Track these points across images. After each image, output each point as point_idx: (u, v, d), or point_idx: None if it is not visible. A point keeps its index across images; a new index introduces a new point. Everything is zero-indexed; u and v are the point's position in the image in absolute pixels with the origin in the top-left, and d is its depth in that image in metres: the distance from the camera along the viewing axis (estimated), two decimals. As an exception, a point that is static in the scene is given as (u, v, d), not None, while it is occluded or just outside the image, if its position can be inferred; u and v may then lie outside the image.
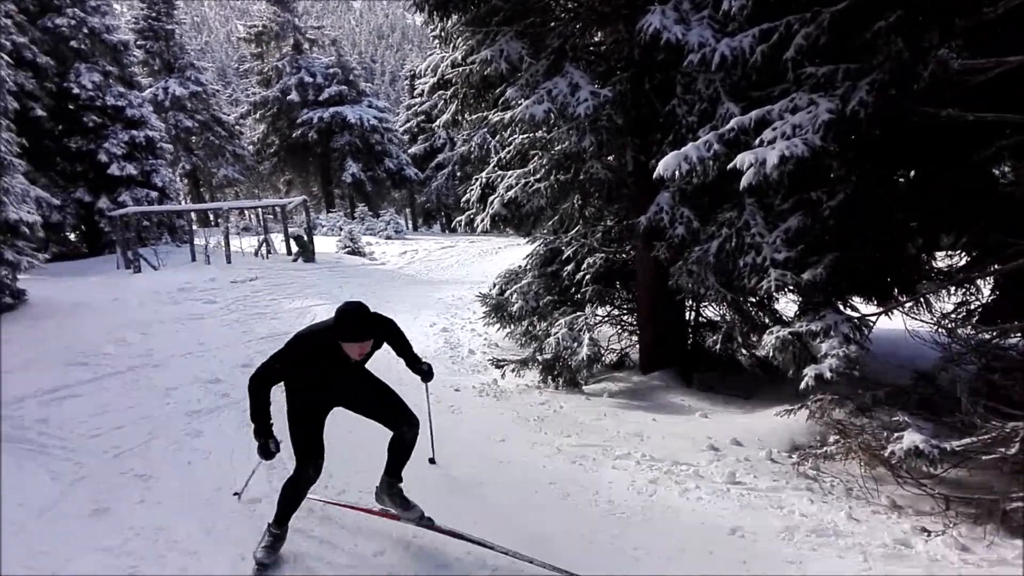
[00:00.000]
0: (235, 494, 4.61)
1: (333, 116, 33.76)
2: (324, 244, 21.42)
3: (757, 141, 5.30)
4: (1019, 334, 5.20)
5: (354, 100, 34.88)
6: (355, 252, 21.13)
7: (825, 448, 4.80)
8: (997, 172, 5.95)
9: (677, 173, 5.75)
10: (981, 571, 3.51)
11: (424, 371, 4.25)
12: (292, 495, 3.79)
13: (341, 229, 24.24)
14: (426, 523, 3.93)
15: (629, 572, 3.64)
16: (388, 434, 3.96)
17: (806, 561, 3.72)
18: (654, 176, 5.99)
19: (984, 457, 4.14)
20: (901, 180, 6.16)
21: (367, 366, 3.94)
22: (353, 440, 4.85)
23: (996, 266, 5.53)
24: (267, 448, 3.62)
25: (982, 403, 4.27)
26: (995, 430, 4.07)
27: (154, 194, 21.22)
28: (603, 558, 3.80)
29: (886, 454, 4.28)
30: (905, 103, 4.94)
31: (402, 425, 3.85)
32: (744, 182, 5.21)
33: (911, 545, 3.83)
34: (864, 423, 4.67)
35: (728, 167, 5.37)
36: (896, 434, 4.24)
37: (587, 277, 8.47)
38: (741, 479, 4.85)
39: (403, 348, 4.19)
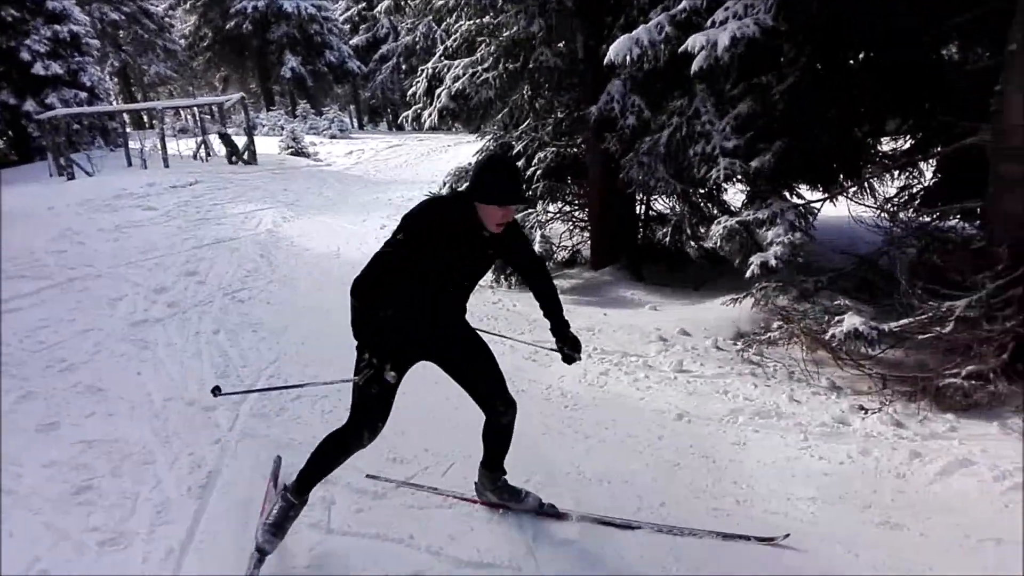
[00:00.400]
0: (215, 389, 4.14)
1: (268, 4, 31.64)
2: (265, 145, 20.63)
3: (709, 22, 5.13)
4: (958, 216, 5.32)
5: (291, -13, 32.67)
6: (298, 153, 20.44)
7: (768, 334, 4.93)
8: (945, 53, 5.90)
9: (628, 58, 5.59)
10: (914, 444, 3.69)
11: (572, 341, 2.99)
12: (333, 456, 2.88)
13: (283, 129, 23.30)
14: (548, 510, 3.22)
15: (583, 459, 3.73)
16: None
17: (749, 442, 3.87)
18: (605, 62, 5.82)
19: (920, 336, 4.30)
20: (850, 63, 6.07)
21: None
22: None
23: (939, 148, 5.58)
24: (380, 374, 2.57)
25: (920, 284, 4.38)
26: (931, 310, 4.20)
27: (83, 95, 19.87)
28: (558, 447, 3.89)
29: (827, 337, 4.41)
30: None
31: (498, 403, 3.01)
32: (695, 66, 5.08)
33: (849, 423, 4.00)
34: (806, 308, 4.78)
35: (680, 51, 5.21)
36: (837, 318, 4.35)
37: (538, 173, 8.31)
38: (688, 367, 4.97)
39: (547, 285, 3.04)
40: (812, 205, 5.52)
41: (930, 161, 5.93)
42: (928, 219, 5.29)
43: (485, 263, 2.88)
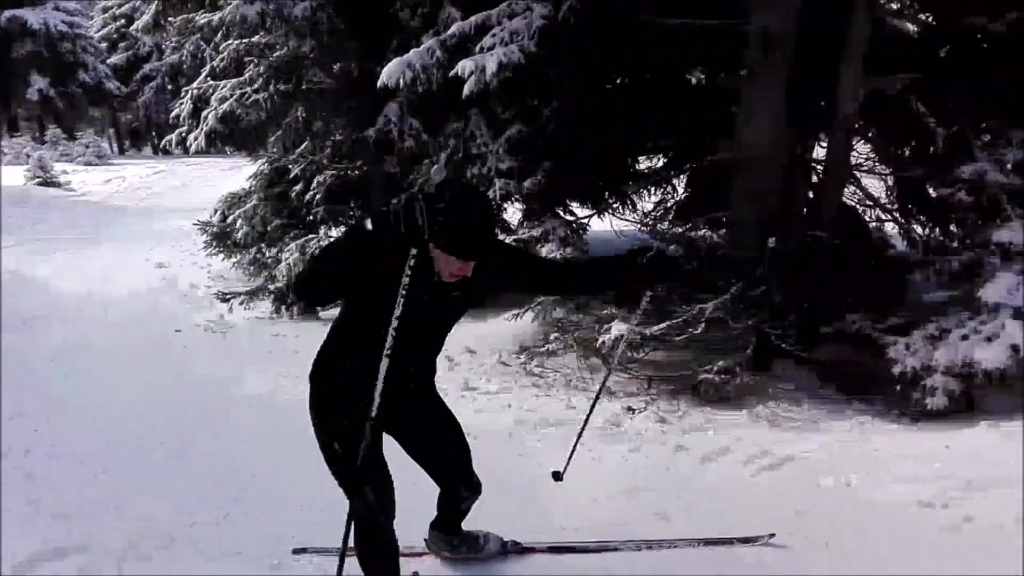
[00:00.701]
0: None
1: (10, 21, 27.97)
2: (8, 175, 18.16)
3: (478, 48, 5.25)
4: (706, 225, 5.90)
5: (36, 1, 29.18)
6: (48, 183, 18.28)
7: (547, 346, 5.12)
8: (692, 78, 6.55)
9: (402, 81, 5.57)
10: (677, 438, 3.99)
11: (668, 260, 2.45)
12: (369, 549, 2.39)
13: (28, 157, 20.68)
14: (512, 547, 3.01)
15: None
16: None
17: (532, 452, 3.95)
18: (378, 85, 5.74)
19: (678, 338, 4.68)
20: (609, 87, 6.53)
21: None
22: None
23: (689, 165, 6.18)
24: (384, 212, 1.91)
25: (676, 289, 4.77)
26: (686, 313, 4.59)
27: None
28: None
29: (598, 345, 4.66)
30: (610, 8, 5.14)
31: (462, 489, 2.65)
32: (466, 90, 5.17)
33: (620, 424, 4.24)
34: (580, 319, 5.04)
35: (451, 74, 5.28)
36: (606, 326, 4.61)
37: (318, 197, 8.03)
38: (474, 385, 5.02)
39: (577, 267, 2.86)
40: (582, 221, 5.84)
41: (682, 177, 6.55)
42: (681, 229, 5.81)
43: (448, 309, 2.23)
